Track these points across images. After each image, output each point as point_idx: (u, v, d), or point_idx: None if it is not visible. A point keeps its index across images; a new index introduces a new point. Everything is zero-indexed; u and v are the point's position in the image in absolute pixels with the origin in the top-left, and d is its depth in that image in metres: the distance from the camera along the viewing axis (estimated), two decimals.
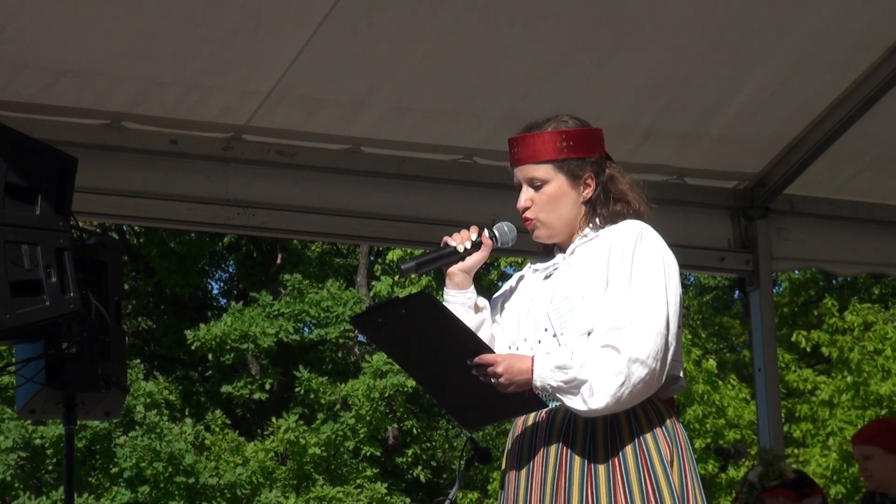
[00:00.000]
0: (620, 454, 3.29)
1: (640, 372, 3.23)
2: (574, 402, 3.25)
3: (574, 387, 3.25)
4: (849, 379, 15.84)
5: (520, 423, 3.47)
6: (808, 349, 16.60)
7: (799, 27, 5.59)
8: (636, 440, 3.29)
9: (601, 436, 3.30)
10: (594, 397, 3.23)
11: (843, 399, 15.89)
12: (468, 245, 3.51)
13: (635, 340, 3.24)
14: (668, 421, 3.35)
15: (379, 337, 3.46)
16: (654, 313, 3.27)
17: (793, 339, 16.56)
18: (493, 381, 3.27)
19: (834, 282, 19.41)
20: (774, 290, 16.99)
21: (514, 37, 5.40)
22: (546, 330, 3.39)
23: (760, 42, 5.64)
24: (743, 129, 6.06)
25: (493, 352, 3.33)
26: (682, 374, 3.42)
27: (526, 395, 3.30)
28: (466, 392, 3.35)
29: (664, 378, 3.29)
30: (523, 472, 3.41)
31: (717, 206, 6.41)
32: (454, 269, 3.51)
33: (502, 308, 3.58)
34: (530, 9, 5.30)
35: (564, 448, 3.33)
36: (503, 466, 3.51)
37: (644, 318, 3.26)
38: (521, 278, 3.61)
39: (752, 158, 6.31)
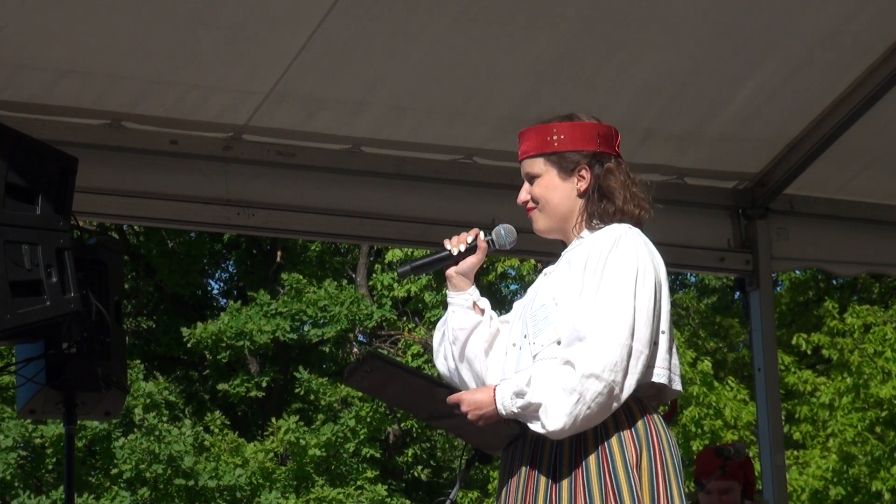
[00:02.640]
0: (584, 464, 3.26)
1: (595, 387, 3.19)
2: (535, 427, 3.26)
3: (532, 411, 3.24)
4: (848, 381, 15.84)
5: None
6: (809, 351, 16.61)
7: (799, 27, 5.59)
8: (600, 447, 3.27)
9: (567, 449, 3.29)
10: (549, 419, 3.21)
11: (843, 402, 15.89)
12: (462, 248, 3.54)
13: (591, 353, 3.20)
14: (639, 422, 3.30)
15: (377, 394, 3.57)
16: (616, 323, 3.23)
17: (793, 341, 16.56)
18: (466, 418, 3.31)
19: (834, 282, 19.41)
20: (775, 290, 16.99)
21: (514, 37, 5.39)
22: (526, 336, 3.40)
23: (760, 42, 5.64)
24: (743, 129, 6.06)
25: (456, 391, 3.36)
26: (667, 381, 3.34)
27: (503, 424, 3.32)
28: (468, 426, 3.38)
29: (632, 388, 3.24)
30: (503, 491, 3.43)
31: (716, 206, 6.41)
32: (450, 271, 3.56)
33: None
34: (530, 9, 5.29)
35: (532, 466, 3.33)
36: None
37: (604, 328, 3.22)
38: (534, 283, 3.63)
39: (752, 158, 6.30)
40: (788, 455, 15.67)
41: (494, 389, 3.30)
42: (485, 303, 3.58)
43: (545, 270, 3.58)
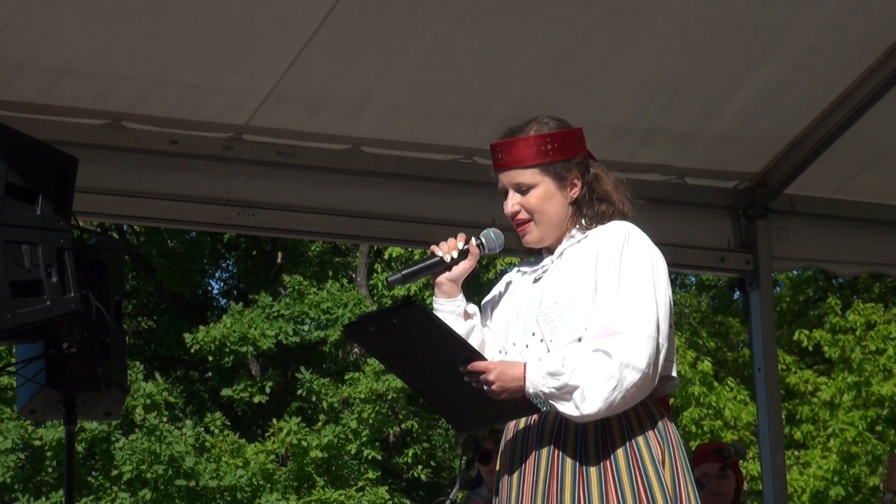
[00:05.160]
0: (612, 456, 3.30)
1: (632, 377, 3.25)
2: (566, 408, 3.27)
3: (566, 393, 3.26)
4: (850, 379, 15.85)
5: (511, 427, 3.48)
6: (811, 348, 16.60)
7: (799, 27, 5.59)
8: (627, 442, 3.31)
9: (592, 438, 3.32)
10: (586, 402, 3.24)
11: (844, 400, 15.89)
12: (454, 255, 3.53)
13: (627, 346, 3.25)
14: (659, 422, 3.36)
15: (371, 346, 3.51)
16: (645, 317, 3.29)
17: (795, 337, 16.56)
18: (485, 388, 3.29)
19: (834, 282, 19.41)
20: (775, 290, 16.99)
21: (514, 37, 5.39)
22: (534, 335, 3.40)
23: (760, 42, 5.64)
24: (743, 129, 6.06)
25: (485, 359, 3.34)
26: (674, 374, 3.43)
27: (519, 402, 3.32)
28: (460, 397, 3.38)
29: (657, 380, 3.31)
30: (515, 475, 3.42)
31: (717, 206, 6.41)
32: (441, 278, 3.54)
33: (492, 312, 3.60)
34: (530, 9, 5.29)
35: (556, 451, 3.34)
36: (496, 469, 3.52)
37: (635, 322, 3.27)
38: (509, 282, 3.62)
39: (752, 158, 6.31)
40: (789, 455, 15.68)
41: (525, 366, 3.30)
42: (473, 308, 3.58)
43: (522, 269, 3.59)
